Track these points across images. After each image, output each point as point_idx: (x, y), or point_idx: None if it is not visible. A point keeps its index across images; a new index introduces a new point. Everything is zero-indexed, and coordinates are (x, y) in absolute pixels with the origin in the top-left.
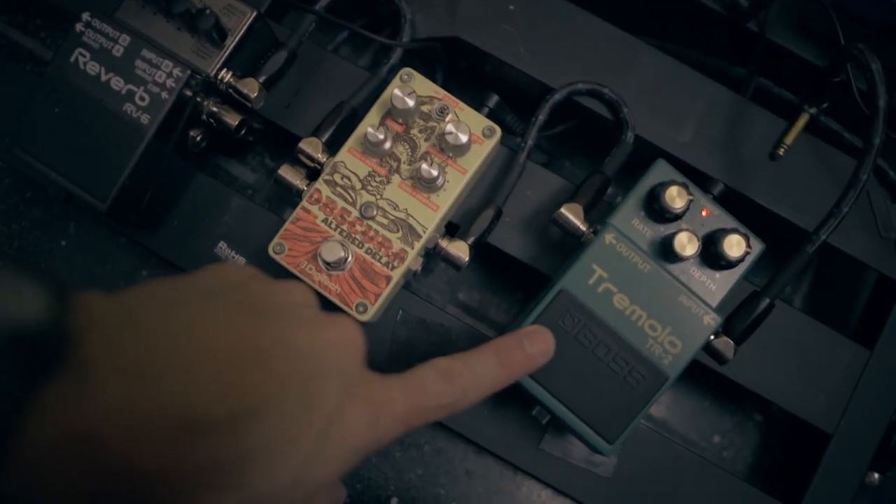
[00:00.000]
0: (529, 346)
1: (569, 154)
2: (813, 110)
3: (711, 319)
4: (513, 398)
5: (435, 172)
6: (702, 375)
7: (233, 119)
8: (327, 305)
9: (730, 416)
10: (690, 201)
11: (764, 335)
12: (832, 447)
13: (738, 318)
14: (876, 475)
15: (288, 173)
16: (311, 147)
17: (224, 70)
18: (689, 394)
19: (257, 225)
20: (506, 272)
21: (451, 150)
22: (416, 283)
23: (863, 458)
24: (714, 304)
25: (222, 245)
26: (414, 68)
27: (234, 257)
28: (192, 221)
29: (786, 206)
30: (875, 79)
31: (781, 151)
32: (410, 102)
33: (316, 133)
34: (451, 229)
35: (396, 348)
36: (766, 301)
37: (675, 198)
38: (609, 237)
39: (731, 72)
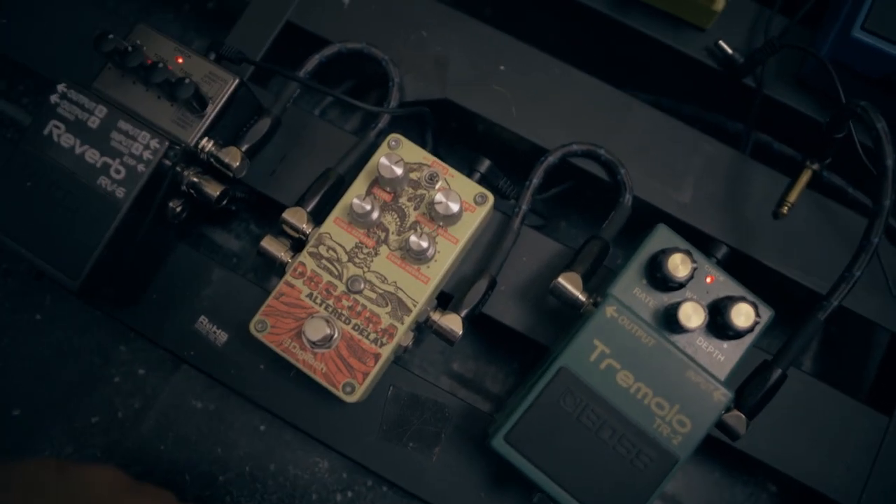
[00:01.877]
0: None
1: (565, 215)
2: (815, 166)
3: (722, 395)
4: (510, 483)
5: (425, 244)
6: (711, 445)
7: (214, 189)
8: (313, 384)
9: (742, 488)
10: (694, 269)
11: (776, 403)
12: None
13: (750, 390)
14: None
15: (271, 245)
16: (296, 217)
17: (205, 139)
18: (698, 465)
19: (240, 298)
20: (501, 341)
21: (442, 220)
22: (408, 354)
23: None
24: (723, 376)
25: (203, 320)
26: (403, 130)
27: (215, 333)
28: (172, 295)
29: (793, 267)
30: (881, 137)
31: (785, 209)
32: (398, 171)
33: (300, 202)
34: (444, 299)
35: (388, 427)
36: (779, 372)
37: (679, 266)
38: (610, 310)
39: (729, 126)
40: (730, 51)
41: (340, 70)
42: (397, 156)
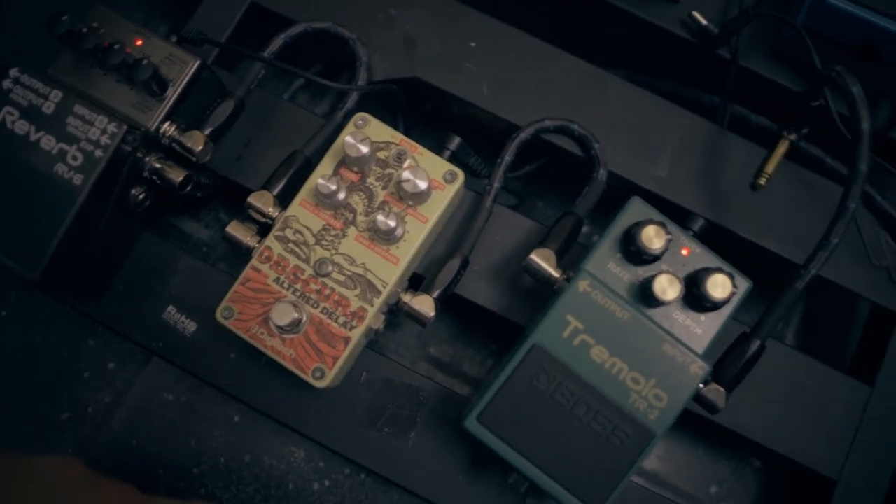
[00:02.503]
0: None
1: (541, 194)
2: (793, 136)
3: (699, 368)
4: (488, 464)
5: (392, 223)
6: (693, 421)
7: (177, 175)
8: (285, 372)
9: (726, 463)
10: (669, 241)
11: (756, 376)
12: (838, 494)
13: (728, 363)
14: None
15: (237, 230)
16: (262, 201)
17: (167, 123)
18: (680, 441)
19: (208, 286)
20: (478, 322)
21: (410, 198)
22: (384, 339)
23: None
24: (701, 349)
25: (171, 310)
26: (375, 111)
27: (183, 323)
28: (139, 286)
29: (771, 239)
30: (857, 102)
31: (763, 181)
32: (364, 149)
33: (266, 186)
34: (416, 281)
35: (361, 413)
36: (757, 343)
37: (653, 238)
38: (583, 284)
39: (705, 100)
40: (704, 21)
41: (311, 53)
42: (363, 134)
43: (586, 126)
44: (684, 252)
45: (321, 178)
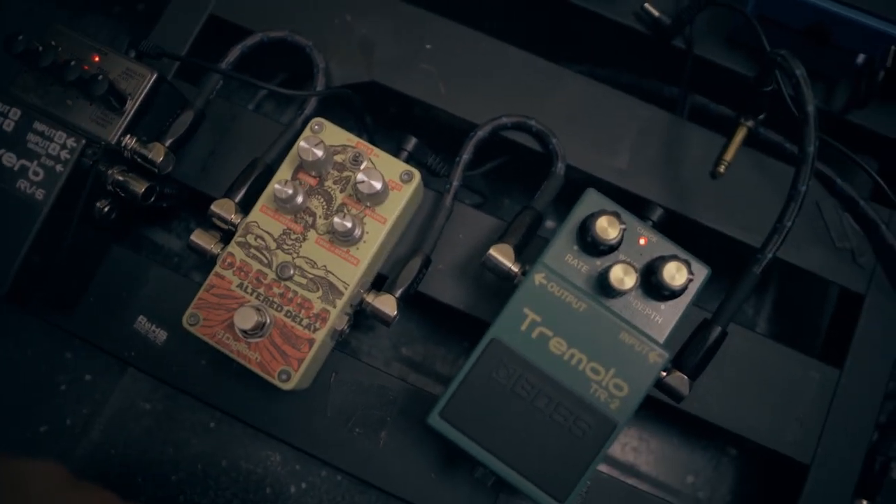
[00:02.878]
0: None
1: (507, 191)
2: (750, 123)
3: (658, 356)
4: (458, 460)
5: (349, 224)
6: (666, 412)
7: (139, 186)
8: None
9: (702, 453)
10: (624, 230)
11: (725, 364)
12: (812, 478)
13: (690, 350)
14: (865, 503)
15: (201, 238)
16: (224, 209)
17: (128, 136)
18: (655, 432)
19: (177, 295)
20: (448, 321)
21: (368, 200)
22: (356, 341)
23: (846, 487)
24: (662, 338)
25: (142, 319)
26: (341, 118)
27: (154, 332)
28: (110, 297)
29: (733, 226)
30: (801, 84)
31: (722, 168)
32: (319, 153)
33: (228, 194)
34: (382, 282)
35: (333, 415)
36: (718, 329)
37: (607, 228)
38: (538, 277)
39: (666, 92)
40: (656, 13)
41: (278, 62)
42: (317, 138)
43: (544, 122)
44: (642, 241)
45: (278, 183)
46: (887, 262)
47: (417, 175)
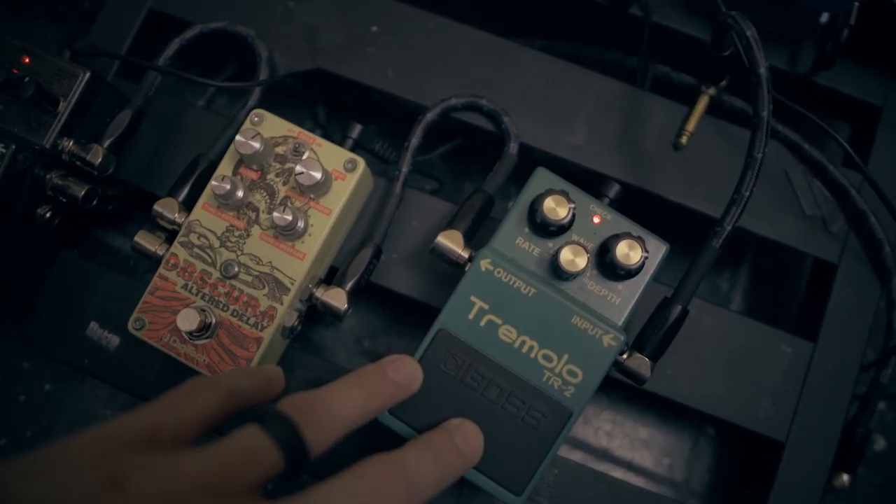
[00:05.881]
0: (394, 374)
1: (467, 175)
2: (712, 91)
3: (612, 339)
4: None
5: (289, 217)
6: (639, 394)
7: (79, 190)
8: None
9: (678, 434)
10: (574, 209)
11: (695, 343)
12: (787, 455)
13: (650, 331)
14: (845, 476)
15: (145, 239)
16: (166, 208)
17: (65, 139)
18: (630, 415)
19: (129, 299)
20: (410, 312)
21: (310, 191)
22: (318, 337)
23: (823, 462)
24: (621, 319)
25: (94, 326)
26: (292, 111)
27: (107, 338)
28: (60, 304)
29: (697, 198)
30: (752, 47)
31: (684, 139)
32: (256, 145)
33: (171, 192)
34: (334, 275)
35: None
36: (679, 308)
37: (555, 208)
38: (484, 263)
39: (628, 62)
40: None
41: (226, 56)
42: (255, 130)
43: (497, 101)
44: (595, 220)
45: (215, 179)
46: (860, 229)
47: (362, 163)
